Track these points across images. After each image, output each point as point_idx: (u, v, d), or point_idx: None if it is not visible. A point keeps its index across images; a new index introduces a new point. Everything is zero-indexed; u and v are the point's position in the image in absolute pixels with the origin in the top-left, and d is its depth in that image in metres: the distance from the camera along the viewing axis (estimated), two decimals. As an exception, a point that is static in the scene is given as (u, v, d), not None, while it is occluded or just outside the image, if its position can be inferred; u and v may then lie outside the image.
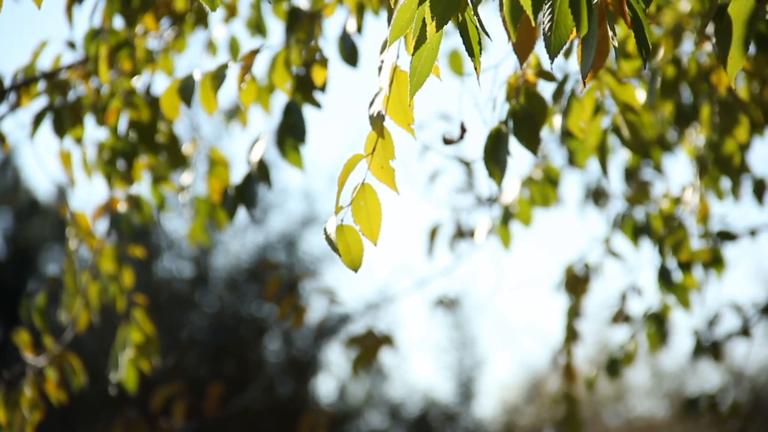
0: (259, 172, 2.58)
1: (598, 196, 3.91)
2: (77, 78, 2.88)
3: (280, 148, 2.46)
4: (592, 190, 3.93)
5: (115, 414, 3.88)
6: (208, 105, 2.44)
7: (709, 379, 13.35)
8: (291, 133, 2.44)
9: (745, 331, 4.01)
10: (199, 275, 11.57)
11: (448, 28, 1.52)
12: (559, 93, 2.23)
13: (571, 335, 3.78)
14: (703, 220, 3.05)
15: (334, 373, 12.10)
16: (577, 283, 3.71)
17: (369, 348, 3.79)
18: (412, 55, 1.47)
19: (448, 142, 2.09)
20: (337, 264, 11.85)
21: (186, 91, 2.47)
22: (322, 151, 18.81)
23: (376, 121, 1.60)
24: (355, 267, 1.58)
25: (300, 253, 11.84)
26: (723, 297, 3.96)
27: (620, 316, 3.74)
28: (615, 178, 3.61)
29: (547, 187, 3.23)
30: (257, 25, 3.21)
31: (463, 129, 2.06)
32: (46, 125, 2.86)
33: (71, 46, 2.91)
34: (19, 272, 11.92)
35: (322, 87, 2.46)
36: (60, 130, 2.84)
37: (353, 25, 2.62)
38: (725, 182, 3.12)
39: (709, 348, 3.99)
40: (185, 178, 3.12)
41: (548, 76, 2.05)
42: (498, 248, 3.63)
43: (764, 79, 2.66)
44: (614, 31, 1.44)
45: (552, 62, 1.38)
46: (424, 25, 1.45)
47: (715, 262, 3.16)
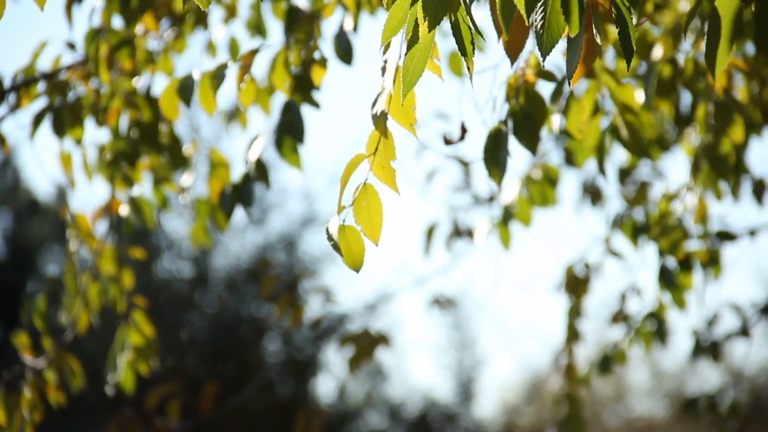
0: (257, 172, 2.57)
1: (595, 196, 3.91)
2: (77, 78, 2.88)
3: (278, 148, 2.45)
4: (589, 189, 3.93)
5: (114, 415, 3.89)
6: (208, 105, 2.44)
7: (708, 379, 13.36)
8: (289, 133, 2.43)
9: (745, 332, 4.01)
10: (198, 275, 11.57)
11: (447, 28, 1.52)
12: (557, 93, 2.22)
13: (572, 335, 3.77)
14: (702, 221, 3.04)
15: (333, 374, 12.10)
16: (577, 283, 3.71)
17: (365, 347, 3.78)
18: (405, 54, 1.47)
19: (448, 142, 2.08)
20: (337, 264, 11.86)
21: (185, 91, 2.47)
22: (322, 151, 18.82)
23: (379, 121, 1.59)
24: (357, 267, 1.58)
25: (300, 254, 11.84)
26: (722, 297, 3.97)
27: (620, 316, 3.74)
28: (614, 178, 3.61)
29: (546, 187, 3.23)
30: (257, 26, 3.21)
31: (464, 129, 2.06)
32: (46, 126, 2.85)
33: (71, 46, 2.91)
34: (19, 273, 11.92)
35: (318, 86, 2.45)
36: (60, 130, 2.84)
37: (350, 24, 2.62)
38: (724, 182, 3.11)
39: (709, 348, 3.99)
40: (186, 179, 3.12)
41: (548, 76, 2.04)
42: (496, 247, 3.63)
43: (763, 79, 2.66)
44: (603, 31, 1.45)
45: (544, 60, 1.38)
46: (416, 25, 1.44)
47: (713, 263, 3.16)
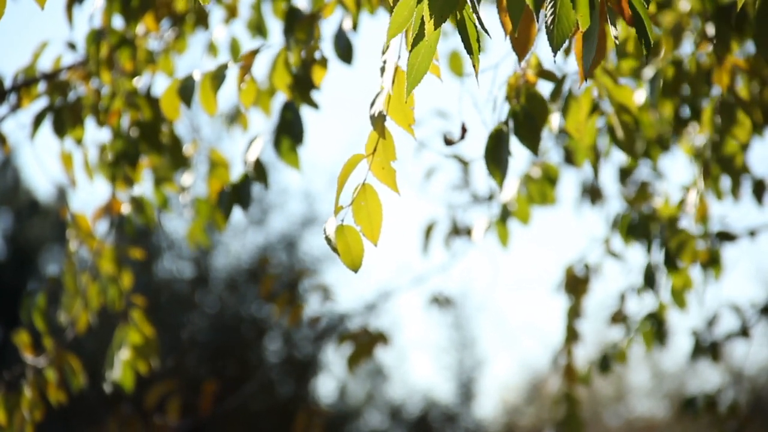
0: (255, 173, 2.57)
1: (595, 195, 3.91)
2: (78, 79, 2.88)
3: (276, 148, 2.44)
4: (589, 189, 3.93)
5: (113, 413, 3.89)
6: (208, 105, 2.44)
7: (708, 379, 13.36)
8: (288, 134, 2.43)
9: (744, 332, 4.01)
10: (199, 276, 11.56)
11: (447, 29, 1.52)
12: (557, 93, 2.23)
13: (572, 335, 3.78)
14: (702, 220, 3.04)
15: (334, 374, 12.10)
16: (577, 284, 3.71)
17: (363, 345, 3.78)
18: (410, 51, 1.46)
19: (449, 142, 2.08)
20: (337, 264, 11.85)
21: (186, 91, 2.46)
22: (322, 151, 18.81)
23: (378, 122, 1.59)
24: (356, 267, 1.58)
25: (300, 254, 11.84)
26: (722, 297, 3.97)
27: (619, 317, 3.74)
28: (614, 178, 3.61)
29: (545, 186, 3.23)
30: (258, 27, 3.20)
31: (464, 129, 2.06)
32: (47, 126, 2.85)
33: (71, 46, 2.91)
34: (19, 272, 11.92)
35: (318, 86, 2.45)
36: (60, 130, 2.84)
37: (349, 23, 2.62)
38: (725, 182, 3.11)
39: (709, 348, 3.99)
40: (186, 179, 3.12)
41: (549, 76, 2.04)
42: (495, 246, 3.63)
43: (764, 79, 2.66)
44: (615, 27, 1.44)
45: (555, 55, 1.37)
46: (422, 23, 1.44)
47: (713, 263, 3.16)
